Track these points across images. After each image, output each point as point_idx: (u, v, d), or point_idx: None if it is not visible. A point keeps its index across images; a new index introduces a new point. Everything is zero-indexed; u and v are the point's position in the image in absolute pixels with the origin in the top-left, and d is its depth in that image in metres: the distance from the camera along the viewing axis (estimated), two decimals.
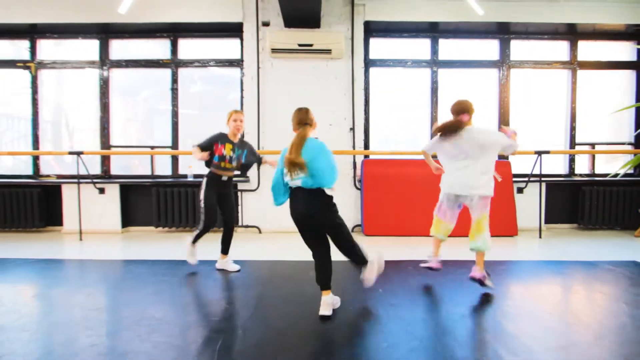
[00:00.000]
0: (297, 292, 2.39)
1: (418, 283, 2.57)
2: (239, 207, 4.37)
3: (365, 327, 1.90)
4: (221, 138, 2.75)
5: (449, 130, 2.39)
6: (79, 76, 4.70)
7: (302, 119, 2.08)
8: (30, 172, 4.65)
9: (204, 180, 2.77)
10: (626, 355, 1.62)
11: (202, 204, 2.76)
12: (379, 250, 2.27)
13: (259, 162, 3.04)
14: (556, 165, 4.77)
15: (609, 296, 2.38)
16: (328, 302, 2.02)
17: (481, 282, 2.36)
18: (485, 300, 2.27)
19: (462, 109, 2.42)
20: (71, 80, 4.74)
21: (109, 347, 1.68)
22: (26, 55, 4.61)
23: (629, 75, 4.76)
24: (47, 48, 4.67)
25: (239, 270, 2.83)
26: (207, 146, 2.71)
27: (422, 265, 2.71)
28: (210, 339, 1.76)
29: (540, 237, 4.09)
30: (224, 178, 2.78)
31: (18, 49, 4.67)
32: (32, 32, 4.55)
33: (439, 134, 2.45)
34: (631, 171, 4.66)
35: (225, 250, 2.90)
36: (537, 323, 1.95)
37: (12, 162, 4.76)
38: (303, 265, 2.91)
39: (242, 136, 3.06)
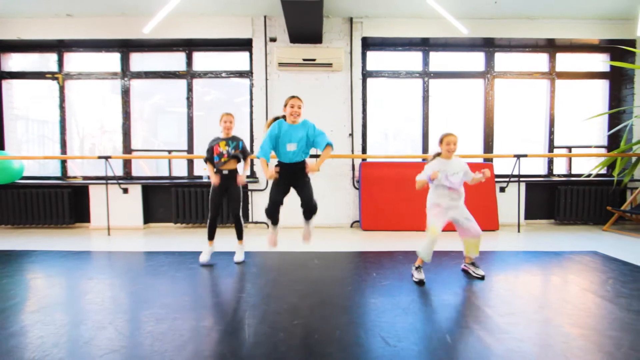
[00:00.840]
0: (304, 275, 2.87)
1: (407, 270, 3.06)
2: (249, 205, 4.86)
3: (360, 301, 2.39)
4: (214, 140, 3.25)
5: None
6: (100, 85, 5.15)
7: None
8: (55, 172, 5.12)
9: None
10: (559, 320, 2.11)
11: (209, 197, 3.27)
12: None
13: (245, 155, 3.32)
14: (537, 166, 5.26)
15: (563, 278, 2.86)
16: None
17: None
18: (465, 282, 2.76)
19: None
20: (93, 90, 5.19)
21: (164, 314, 2.16)
22: (54, 67, 5.07)
23: (603, 84, 5.24)
24: (73, 60, 5.13)
25: (242, 262, 3.26)
26: (210, 154, 3.21)
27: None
28: (240, 309, 2.25)
29: (519, 231, 4.58)
30: (225, 172, 3.21)
31: (46, 61, 5.12)
32: (59, 47, 5.01)
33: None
34: (603, 171, 5.15)
35: (238, 236, 3.36)
36: (497, 296, 2.44)
37: (28, 162, 5.17)
38: (309, 255, 3.40)
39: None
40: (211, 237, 3.30)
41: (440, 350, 1.76)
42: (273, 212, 2.78)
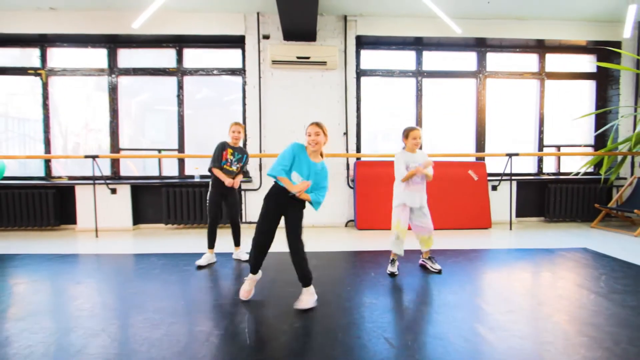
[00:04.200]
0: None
1: (406, 269, 3.05)
2: (243, 206, 4.78)
3: (360, 301, 2.36)
4: (224, 145, 3.20)
5: None
6: (86, 82, 4.98)
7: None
8: (39, 172, 4.92)
9: (210, 181, 3.21)
10: (557, 317, 2.13)
11: (207, 202, 3.22)
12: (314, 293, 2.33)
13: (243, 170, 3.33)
14: (527, 165, 5.35)
15: (556, 274, 2.91)
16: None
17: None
18: (463, 280, 2.77)
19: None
20: (79, 86, 5.01)
21: (159, 319, 2.09)
22: (37, 63, 4.87)
23: (590, 85, 5.36)
24: (57, 55, 4.93)
25: (243, 261, 3.26)
26: (219, 157, 3.16)
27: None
28: (238, 313, 2.19)
29: (510, 229, 4.64)
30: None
31: (29, 56, 4.91)
32: (42, 41, 4.81)
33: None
34: (591, 170, 5.28)
35: (236, 242, 3.34)
36: (495, 294, 2.46)
37: (12, 163, 4.94)
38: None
39: (244, 145, 3.38)
40: (211, 244, 3.23)
41: (442, 349, 1.75)
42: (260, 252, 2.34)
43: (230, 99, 5.02)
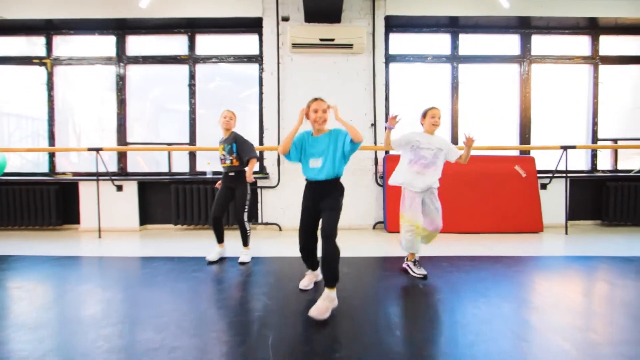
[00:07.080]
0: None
1: (456, 279, 2.51)
2: (259, 205, 4.32)
3: (401, 315, 1.84)
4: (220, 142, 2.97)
5: None
6: (92, 72, 4.65)
7: None
8: (45, 169, 4.60)
9: None
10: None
11: None
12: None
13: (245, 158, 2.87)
14: (578, 161, 4.71)
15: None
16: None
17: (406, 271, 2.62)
18: (508, 292, 2.21)
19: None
20: (85, 77, 4.69)
21: (173, 332, 1.62)
22: (42, 52, 4.57)
23: None
24: (63, 44, 4.63)
25: (247, 263, 2.88)
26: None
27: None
28: (255, 329, 1.70)
29: (566, 233, 4.02)
30: (231, 173, 2.90)
31: (33, 45, 4.62)
32: (47, 29, 4.52)
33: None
34: None
35: (243, 242, 2.97)
36: (552, 313, 1.89)
37: (20, 161, 4.68)
38: None
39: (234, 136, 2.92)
40: (219, 239, 2.97)
41: None
42: (303, 255, 2.26)
43: (246, 95, 4.58)
